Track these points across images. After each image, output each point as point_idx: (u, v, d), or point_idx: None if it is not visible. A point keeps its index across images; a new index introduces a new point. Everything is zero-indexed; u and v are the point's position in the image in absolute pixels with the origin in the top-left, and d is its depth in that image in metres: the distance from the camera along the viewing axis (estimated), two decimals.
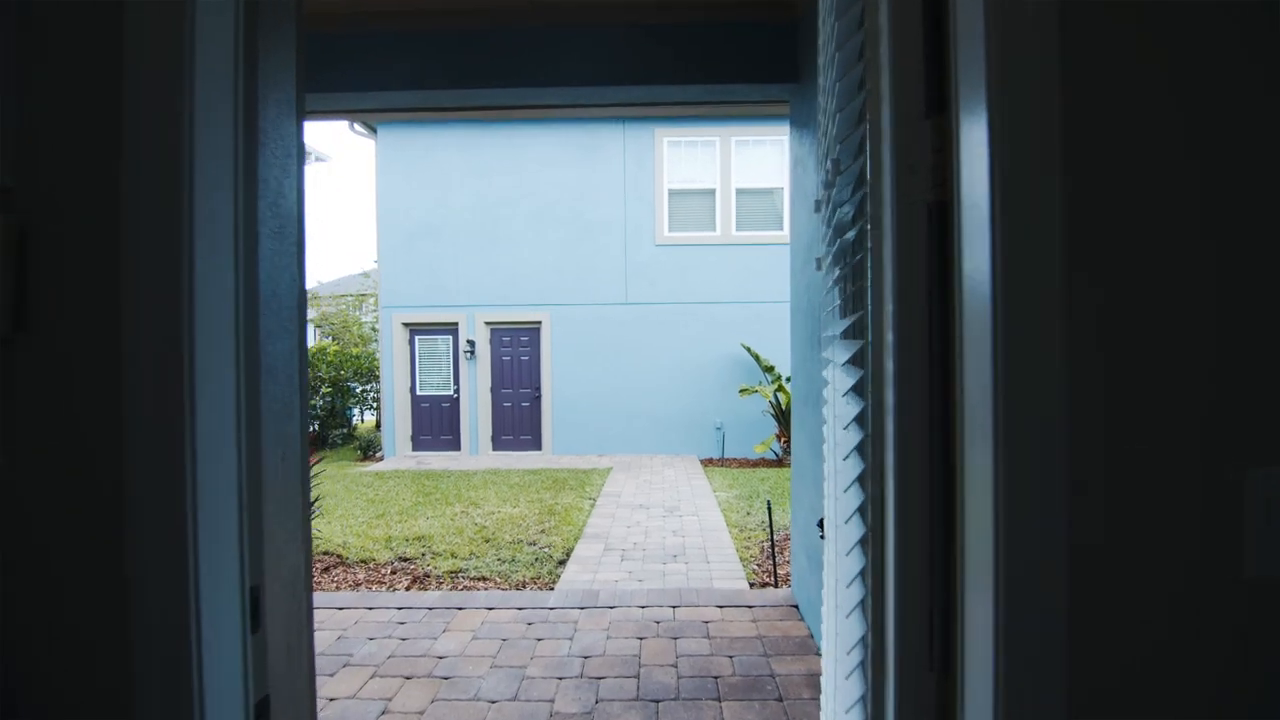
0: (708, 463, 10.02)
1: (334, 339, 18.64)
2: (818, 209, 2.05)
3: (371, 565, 5.15)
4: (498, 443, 10.86)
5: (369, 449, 11.28)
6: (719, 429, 10.53)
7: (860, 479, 1.00)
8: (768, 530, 5.83)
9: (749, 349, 10.15)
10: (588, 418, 10.61)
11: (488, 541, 5.65)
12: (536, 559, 5.14)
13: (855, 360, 1.05)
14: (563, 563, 5.07)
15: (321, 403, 12.52)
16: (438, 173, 10.64)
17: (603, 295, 10.61)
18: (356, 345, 17.63)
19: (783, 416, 9.78)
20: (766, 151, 10.48)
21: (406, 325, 10.87)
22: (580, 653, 2.99)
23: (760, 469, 9.30)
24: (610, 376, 10.60)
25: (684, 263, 10.57)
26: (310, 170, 15.03)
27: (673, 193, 10.58)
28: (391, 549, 5.50)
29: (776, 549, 5.36)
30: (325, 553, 5.47)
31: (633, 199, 10.57)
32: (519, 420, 10.86)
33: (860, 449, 0.98)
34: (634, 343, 10.59)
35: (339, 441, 12.97)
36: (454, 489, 7.90)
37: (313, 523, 5.08)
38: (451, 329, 10.87)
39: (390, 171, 10.67)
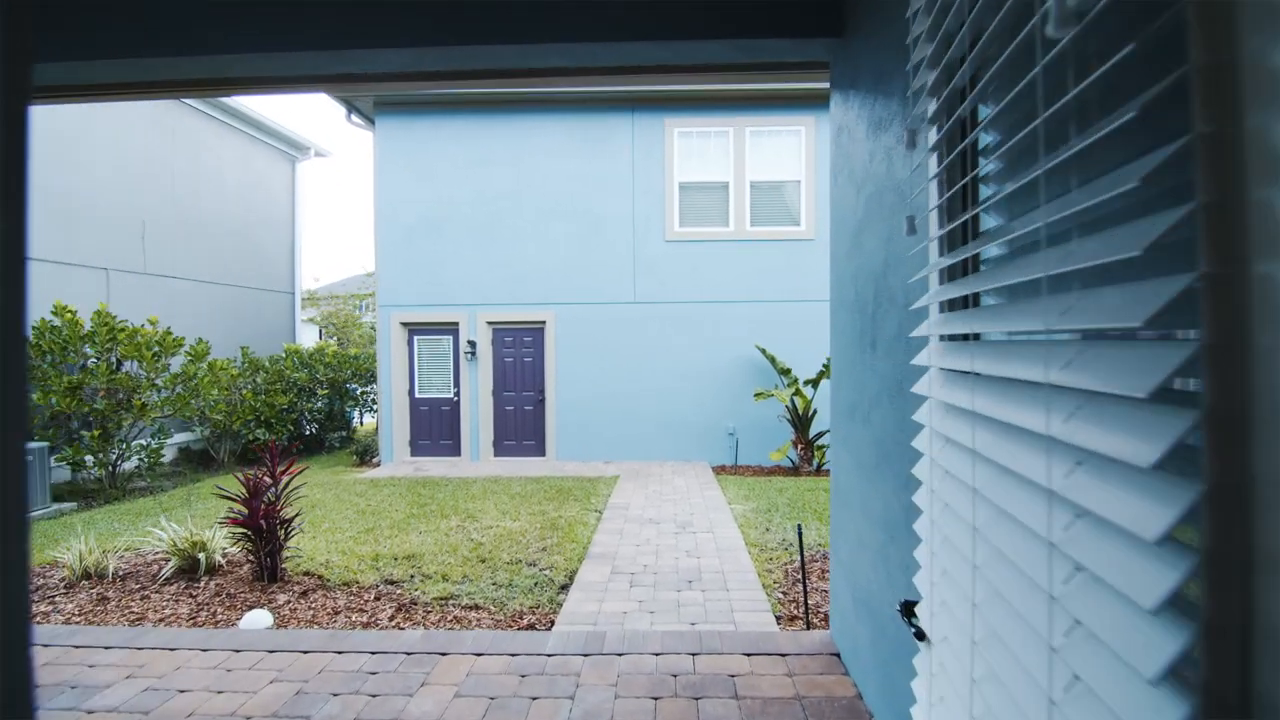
0: (720, 470, 9.50)
1: (339, 340, 18.26)
2: (912, 144, 1.54)
3: (354, 589, 4.66)
4: (499, 448, 10.37)
5: (366, 454, 10.82)
6: (732, 435, 10.00)
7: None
8: (790, 550, 5.30)
9: (763, 350, 9.62)
10: (594, 422, 10.11)
11: (483, 562, 5.15)
12: (536, 583, 4.63)
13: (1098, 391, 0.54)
14: (565, 588, 4.57)
15: (320, 405, 12.08)
16: (438, 165, 10.18)
17: (610, 293, 10.11)
18: (356, 346, 17.22)
19: (800, 422, 9.25)
20: (783, 142, 9.96)
21: (405, 325, 10.40)
22: (583, 718, 2.48)
23: (776, 478, 8.76)
24: (617, 379, 10.10)
25: (695, 259, 10.05)
26: (309, 166, 14.61)
27: (683, 186, 10.07)
28: (378, 569, 5.01)
29: (802, 574, 4.84)
30: (306, 573, 4.99)
31: (641, 192, 10.06)
32: (522, 425, 10.37)
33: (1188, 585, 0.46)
34: (642, 343, 10.09)
35: (336, 445, 12.54)
36: (451, 499, 7.41)
37: (293, 540, 4.54)
38: (452, 329, 10.40)
39: (388, 164, 10.21)
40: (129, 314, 9.73)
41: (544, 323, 10.20)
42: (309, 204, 50.81)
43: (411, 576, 4.85)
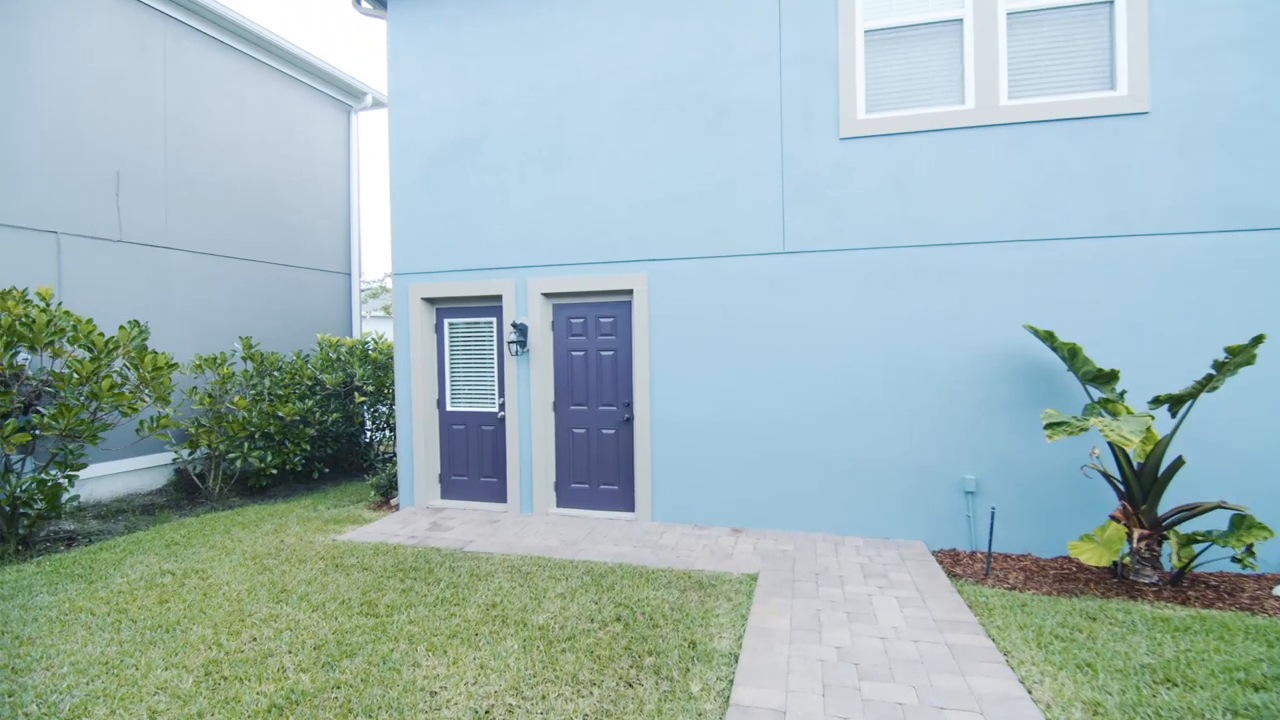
0: (953, 563, 5.00)
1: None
2: None
3: None
4: (564, 494, 6.64)
5: (391, 489, 7.65)
6: (971, 493, 5.41)
7: None
8: None
9: (1047, 336, 4.94)
10: (713, 458, 6.03)
11: None
12: None
13: None
14: None
15: (352, 413, 9.21)
16: (471, 56, 6.67)
17: (740, 241, 5.95)
18: None
19: (1134, 480, 4.50)
20: None
21: (429, 301, 7.03)
22: None
23: (1090, 599, 4.10)
24: (754, 385, 5.93)
25: (898, 170, 5.58)
26: (370, 118, 11.97)
27: (872, 36, 5.64)
28: None
29: None
30: None
31: (794, 57, 5.79)
32: (599, 457, 6.55)
33: None
34: (798, 324, 5.82)
35: (379, 467, 9.60)
36: (432, 622, 3.71)
37: None
38: (494, 306, 6.85)
39: (404, 61, 6.89)
40: (92, 293, 7.33)
41: (631, 292, 6.30)
42: (372, 167, 35.95)
43: None
